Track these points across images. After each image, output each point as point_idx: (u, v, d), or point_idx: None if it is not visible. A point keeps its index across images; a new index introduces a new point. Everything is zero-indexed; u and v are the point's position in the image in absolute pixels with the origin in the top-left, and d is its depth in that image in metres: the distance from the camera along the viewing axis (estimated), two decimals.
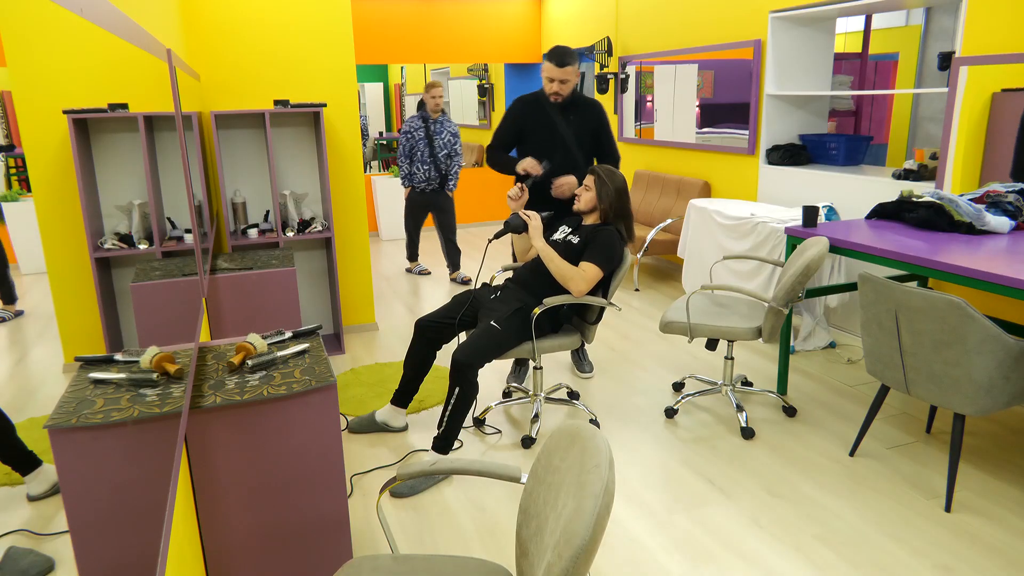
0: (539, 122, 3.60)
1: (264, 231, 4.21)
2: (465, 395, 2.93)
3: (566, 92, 3.52)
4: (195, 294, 2.18)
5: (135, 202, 1.31)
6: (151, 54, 1.78)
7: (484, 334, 3.01)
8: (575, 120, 3.60)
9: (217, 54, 4.15)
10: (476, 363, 2.93)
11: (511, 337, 3.06)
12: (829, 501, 2.73)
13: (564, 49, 3.44)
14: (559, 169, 3.56)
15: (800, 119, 5.14)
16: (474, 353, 2.93)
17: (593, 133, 3.66)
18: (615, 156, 3.76)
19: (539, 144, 3.59)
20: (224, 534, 2.02)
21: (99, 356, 0.96)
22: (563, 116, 3.59)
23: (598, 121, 3.66)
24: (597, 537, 1.18)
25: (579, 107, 3.62)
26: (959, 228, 3.26)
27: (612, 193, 3.18)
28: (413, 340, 3.22)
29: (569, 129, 3.59)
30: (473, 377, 2.92)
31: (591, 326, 3.28)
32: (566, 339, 3.24)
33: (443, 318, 3.21)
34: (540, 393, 3.42)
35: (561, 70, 3.44)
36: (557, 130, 3.58)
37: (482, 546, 2.53)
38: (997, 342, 2.44)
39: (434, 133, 5.72)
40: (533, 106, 3.62)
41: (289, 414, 2.00)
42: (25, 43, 0.78)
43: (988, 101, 3.66)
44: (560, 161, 3.57)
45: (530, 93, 3.68)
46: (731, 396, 3.42)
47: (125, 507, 0.97)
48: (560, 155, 3.58)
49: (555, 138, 3.58)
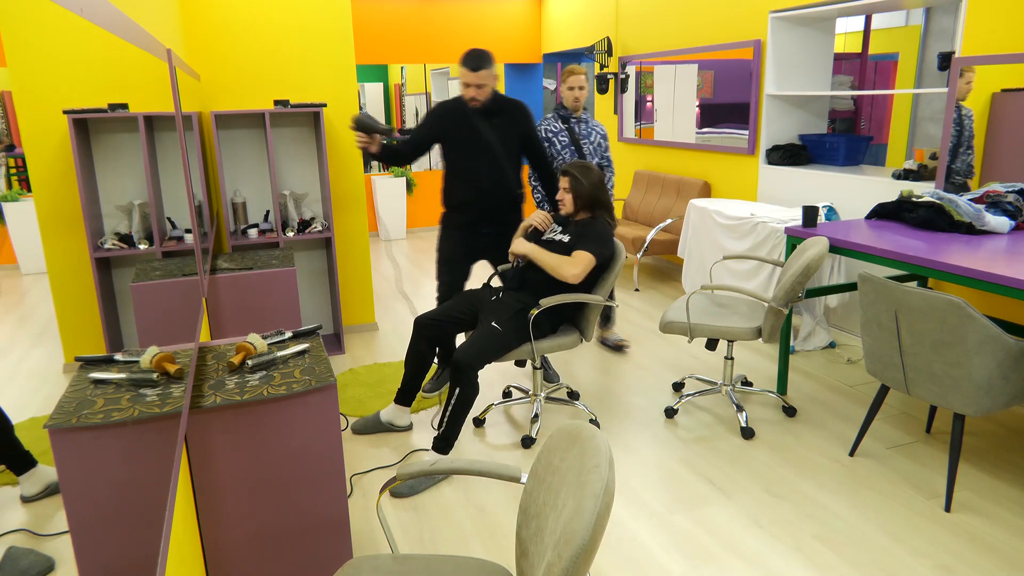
0: (460, 128, 3.43)
1: (264, 231, 4.21)
2: (466, 395, 2.93)
3: (483, 97, 3.36)
4: (195, 294, 2.18)
5: (135, 202, 1.31)
6: (151, 54, 1.78)
7: (485, 335, 3.01)
8: (499, 124, 3.45)
9: (217, 54, 4.15)
10: (477, 364, 2.93)
11: (512, 338, 3.05)
12: (829, 501, 2.73)
13: (478, 52, 3.32)
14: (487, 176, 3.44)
15: (800, 119, 5.14)
16: (475, 354, 2.94)
17: (522, 136, 3.52)
18: (546, 158, 3.66)
19: (462, 151, 3.44)
20: (224, 534, 2.02)
21: (99, 356, 0.96)
22: (486, 121, 3.43)
23: (525, 123, 3.52)
24: (597, 537, 1.18)
25: (503, 111, 3.47)
26: (959, 228, 3.26)
27: (588, 189, 3.17)
28: (412, 338, 3.22)
29: (494, 134, 3.44)
30: (474, 378, 2.92)
31: (590, 323, 3.27)
32: (565, 339, 3.23)
33: (442, 316, 3.21)
34: (540, 393, 3.42)
35: (475, 74, 3.31)
36: (481, 136, 3.42)
37: (482, 546, 2.53)
38: (997, 342, 2.44)
39: (580, 136, 4.05)
40: (454, 112, 3.45)
41: (289, 414, 2.00)
42: (25, 43, 0.78)
43: (988, 101, 3.66)
44: (487, 168, 3.44)
45: (452, 98, 3.51)
46: (731, 396, 3.42)
47: (125, 507, 0.97)
48: (486, 162, 3.44)
49: (479, 144, 3.42)
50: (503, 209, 3.54)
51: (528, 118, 3.55)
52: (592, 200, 3.19)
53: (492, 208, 3.52)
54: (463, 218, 3.53)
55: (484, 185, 3.46)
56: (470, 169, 3.46)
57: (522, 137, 3.53)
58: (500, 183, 3.48)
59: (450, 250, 3.59)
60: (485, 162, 3.44)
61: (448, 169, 3.54)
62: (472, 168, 3.45)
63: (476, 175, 3.45)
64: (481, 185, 3.46)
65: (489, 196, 3.49)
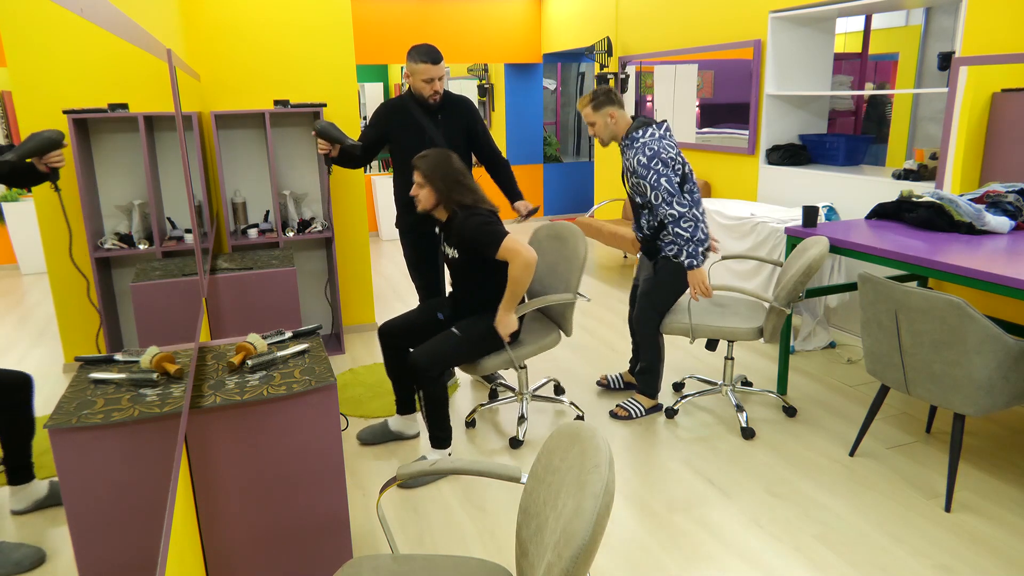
0: (406, 126, 3.40)
1: (264, 231, 4.21)
2: (432, 395, 2.89)
3: (442, 89, 3.35)
4: (195, 294, 2.18)
5: (135, 202, 1.31)
6: (151, 54, 1.78)
7: (443, 339, 2.93)
8: (444, 120, 3.42)
9: (217, 54, 4.15)
10: (432, 368, 2.85)
11: (471, 344, 2.96)
12: (829, 501, 2.73)
13: (431, 46, 3.29)
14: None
15: (800, 119, 5.14)
16: (431, 357, 2.86)
17: (467, 131, 3.48)
18: (493, 150, 3.58)
19: (409, 149, 3.38)
20: (224, 534, 2.02)
21: (99, 356, 0.96)
22: (431, 118, 3.40)
23: (470, 117, 3.48)
24: (597, 537, 1.18)
25: (447, 106, 3.43)
26: (959, 228, 3.26)
27: (440, 177, 2.89)
28: (382, 348, 3.16)
29: (439, 130, 3.41)
30: (435, 377, 2.87)
31: (568, 317, 3.20)
32: (546, 339, 3.17)
33: (405, 323, 3.13)
34: (526, 392, 3.37)
35: (437, 67, 3.27)
36: (426, 132, 3.39)
37: (482, 546, 2.53)
38: (997, 342, 2.44)
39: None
40: (398, 110, 3.42)
41: (289, 414, 2.00)
42: (25, 43, 0.78)
43: (988, 101, 3.66)
44: None
45: (395, 97, 3.48)
46: (731, 396, 3.42)
47: (125, 507, 0.97)
48: None
49: (424, 141, 3.39)
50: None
51: (473, 112, 3.50)
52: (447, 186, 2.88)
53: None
54: (412, 218, 3.48)
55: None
56: None
57: (467, 131, 3.47)
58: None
59: (410, 254, 3.59)
60: None
61: (395, 169, 3.50)
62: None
63: None
64: None
65: None
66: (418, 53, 3.27)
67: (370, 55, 7.71)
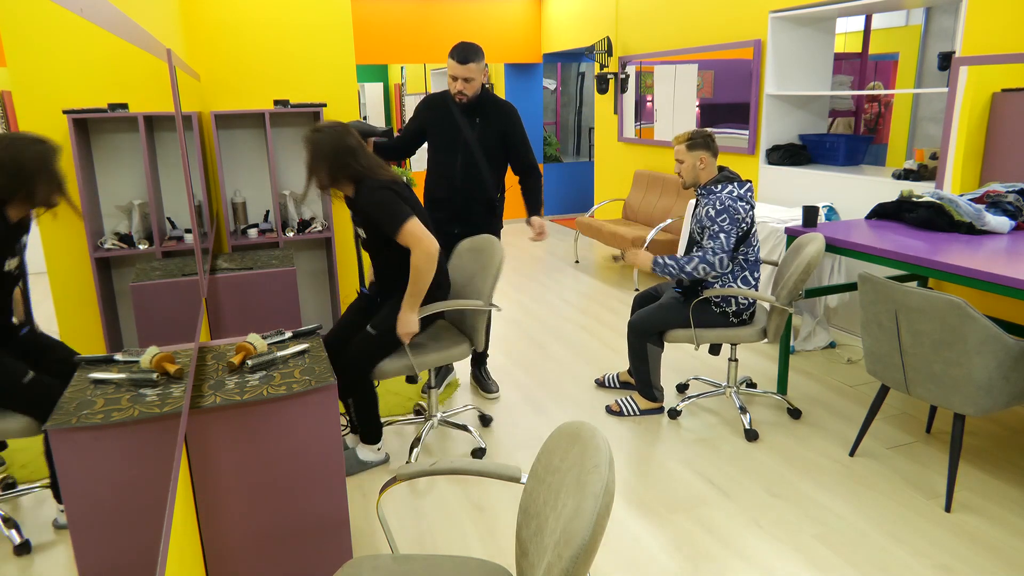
0: (441, 123, 3.36)
1: (264, 231, 4.21)
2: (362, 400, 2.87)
3: (471, 92, 3.26)
4: (195, 294, 2.18)
5: (135, 202, 1.31)
6: (151, 54, 1.78)
7: (361, 341, 2.84)
8: (481, 124, 3.35)
9: (217, 54, 4.15)
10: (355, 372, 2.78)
11: (385, 341, 2.82)
12: (829, 501, 2.73)
13: (468, 45, 3.22)
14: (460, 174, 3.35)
15: (800, 119, 5.13)
16: (353, 361, 2.80)
17: (502, 137, 3.39)
18: (529, 164, 3.45)
19: (441, 146, 3.38)
20: (224, 534, 2.02)
21: (99, 356, 0.96)
22: (468, 118, 3.34)
23: (509, 125, 3.39)
24: (597, 537, 1.18)
25: (487, 110, 3.36)
26: (959, 228, 3.26)
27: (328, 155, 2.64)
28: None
29: (473, 133, 3.34)
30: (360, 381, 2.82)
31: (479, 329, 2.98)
32: (454, 350, 2.95)
33: (340, 332, 3.00)
34: (436, 414, 3.19)
35: (463, 67, 3.20)
36: (460, 133, 3.34)
37: (482, 546, 2.53)
38: (997, 342, 2.44)
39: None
40: (438, 106, 3.38)
41: (289, 414, 2.00)
42: (25, 43, 0.78)
43: (988, 101, 3.66)
44: (461, 166, 3.36)
45: (440, 91, 3.43)
46: (735, 398, 3.42)
47: (125, 507, 0.97)
48: (462, 159, 3.35)
49: (457, 141, 3.34)
50: (475, 210, 3.44)
51: (512, 119, 3.41)
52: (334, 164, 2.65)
53: (463, 207, 3.43)
54: (436, 215, 3.46)
55: (457, 183, 3.39)
56: (446, 164, 3.40)
57: (503, 137, 3.40)
58: (474, 182, 3.39)
59: None
60: (461, 159, 3.37)
61: (429, 163, 3.50)
62: (448, 164, 3.39)
63: (451, 171, 3.39)
64: (454, 183, 3.39)
65: (461, 194, 3.41)
66: (453, 49, 3.26)
67: (370, 55, 7.71)
